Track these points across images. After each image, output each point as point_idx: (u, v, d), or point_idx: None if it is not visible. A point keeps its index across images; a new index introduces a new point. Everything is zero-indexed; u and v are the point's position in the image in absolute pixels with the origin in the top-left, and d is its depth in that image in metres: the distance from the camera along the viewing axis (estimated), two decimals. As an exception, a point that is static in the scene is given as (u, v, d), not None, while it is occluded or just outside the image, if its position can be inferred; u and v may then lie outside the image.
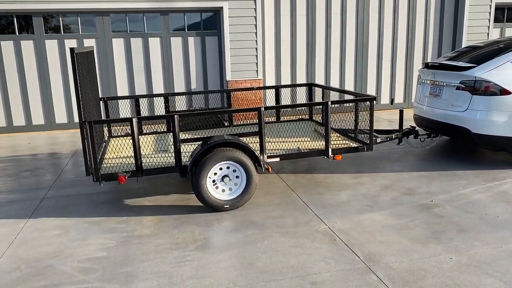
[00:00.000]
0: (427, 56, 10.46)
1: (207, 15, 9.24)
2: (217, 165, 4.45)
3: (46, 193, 5.34)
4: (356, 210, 4.49)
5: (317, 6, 9.64)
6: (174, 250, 3.75)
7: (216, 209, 4.51)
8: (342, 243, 3.77)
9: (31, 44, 8.62)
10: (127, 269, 3.47)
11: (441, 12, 10.29)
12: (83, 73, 4.52)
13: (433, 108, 6.15)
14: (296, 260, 3.51)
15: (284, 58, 9.75)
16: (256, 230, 4.10)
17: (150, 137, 6.07)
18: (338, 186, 5.22)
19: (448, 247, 3.64)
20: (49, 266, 3.56)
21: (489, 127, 5.45)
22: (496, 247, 3.61)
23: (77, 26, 8.73)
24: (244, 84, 9.30)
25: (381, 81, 10.32)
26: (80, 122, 4.15)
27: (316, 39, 9.79)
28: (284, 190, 5.17)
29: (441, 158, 6.27)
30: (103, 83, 9.02)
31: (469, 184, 5.13)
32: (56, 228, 4.29)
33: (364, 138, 5.21)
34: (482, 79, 5.45)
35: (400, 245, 3.71)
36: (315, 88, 6.76)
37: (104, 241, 3.97)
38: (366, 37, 10.02)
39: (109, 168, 4.58)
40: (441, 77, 6.05)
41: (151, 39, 9.07)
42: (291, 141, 5.42)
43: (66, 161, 6.72)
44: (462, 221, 4.13)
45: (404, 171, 5.71)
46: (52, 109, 8.94)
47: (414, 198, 4.77)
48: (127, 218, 4.49)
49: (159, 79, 9.26)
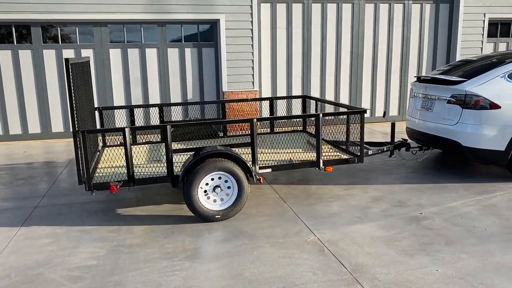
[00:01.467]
0: (422, 70, 10.58)
1: (204, 27, 9.36)
2: (209, 176, 4.49)
3: (39, 201, 5.37)
4: (346, 221, 4.53)
5: (313, 19, 9.77)
6: (164, 260, 3.77)
7: (207, 219, 4.54)
8: (330, 254, 3.80)
9: (29, 54, 8.70)
10: (116, 277, 3.49)
11: (435, 26, 10.44)
12: (78, 83, 4.58)
13: (425, 121, 6.22)
14: (283, 270, 3.54)
15: (280, 70, 9.85)
16: (246, 240, 4.13)
17: (144, 146, 6.12)
18: (329, 198, 5.26)
19: (435, 259, 3.68)
20: (39, 274, 3.58)
21: (479, 140, 5.52)
22: (482, 260, 3.65)
23: (75, 36, 8.83)
24: (240, 95, 9.38)
25: (376, 94, 10.43)
26: (73, 131, 4.20)
27: (312, 52, 9.90)
28: (276, 201, 5.21)
29: (432, 170, 6.33)
30: (100, 92, 9.09)
31: (459, 197, 5.18)
32: (48, 237, 4.31)
33: (356, 150, 5.27)
34: (472, 93, 5.53)
35: (387, 256, 3.74)
36: (309, 100, 6.84)
37: (94, 250, 3.99)
38: (361, 50, 10.15)
39: (101, 178, 4.62)
40: (433, 90, 6.13)
41: (148, 50, 9.16)
42: (283, 152, 5.47)
43: (61, 170, 6.75)
44: (450, 234, 4.17)
45: (395, 183, 5.76)
46: (48, 118, 9.00)
47: (404, 210, 4.81)
48: (119, 227, 4.52)
49: (155, 89, 9.34)
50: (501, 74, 5.57)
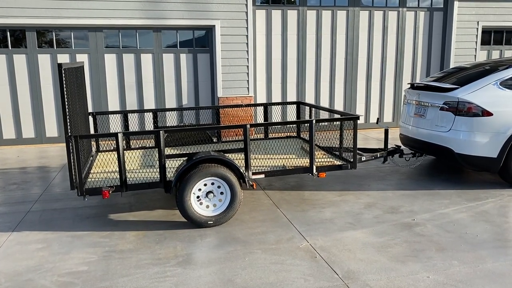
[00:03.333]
0: (416, 77, 10.65)
1: (200, 33, 9.38)
2: (202, 181, 4.49)
3: (31, 206, 5.34)
4: (339, 227, 4.54)
5: (308, 26, 9.83)
6: (155, 266, 3.76)
7: (199, 225, 4.54)
8: (322, 260, 3.80)
9: (23, 58, 8.69)
10: (107, 283, 3.47)
11: (429, 34, 10.52)
12: (71, 88, 4.58)
13: (418, 128, 6.25)
14: (275, 276, 3.54)
15: (275, 76, 9.88)
16: (238, 246, 4.12)
17: (137, 152, 6.11)
18: (322, 204, 5.27)
19: (426, 265, 3.68)
20: (29, 280, 3.56)
21: (471, 147, 5.55)
22: (473, 266, 3.66)
23: (70, 41, 8.83)
24: (235, 101, 9.40)
25: (370, 100, 10.48)
26: (66, 136, 4.19)
27: (307, 58, 9.95)
28: (269, 206, 5.21)
29: (425, 177, 6.35)
30: (94, 97, 9.08)
31: (451, 204, 5.20)
32: (39, 242, 4.29)
33: (349, 156, 5.29)
34: (465, 101, 5.57)
35: (379, 263, 3.75)
36: (304, 106, 6.86)
37: (85, 255, 3.98)
38: (356, 57, 10.20)
39: (94, 183, 4.61)
40: (426, 97, 6.17)
41: (143, 55, 9.18)
42: (277, 158, 5.48)
43: (54, 175, 6.73)
44: (442, 240, 4.18)
45: (388, 190, 5.77)
46: (42, 123, 8.97)
47: (397, 216, 4.82)
48: (111, 232, 4.50)
49: (150, 94, 9.35)
50: (493, 82, 5.61)
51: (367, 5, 10.06)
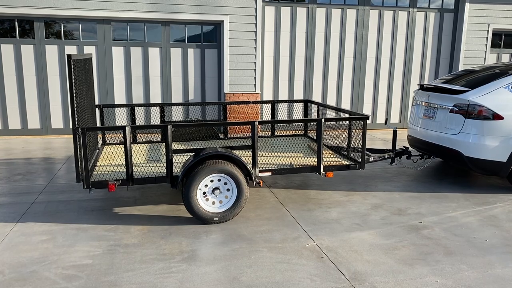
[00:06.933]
0: (424, 78, 10.56)
1: (208, 28, 9.33)
2: (208, 177, 4.45)
3: (36, 197, 5.32)
4: (345, 228, 4.49)
5: (317, 24, 9.75)
6: (160, 261, 3.73)
7: (205, 221, 4.50)
8: (329, 261, 3.76)
9: (31, 49, 8.67)
10: (111, 278, 3.44)
11: (439, 35, 10.42)
12: (79, 80, 4.55)
13: (426, 130, 6.19)
14: (281, 276, 3.50)
15: (282, 74, 9.83)
16: (244, 244, 4.09)
17: (144, 146, 6.08)
18: (329, 203, 5.22)
19: (434, 269, 3.64)
20: (33, 271, 3.53)
21: (481, 151, 5.49)
22: (482, 271, 3.61)
23: (78, 33, 8.79)
24: (242, 97, 9.35)
25: (378, 100, 10.41)
26: (73, 128, 4.16)
27: (315, 56, 9.88)
28: (274, 205, 5.17)
29: (433, 179, 6.29)
30: (101, 90, 9.06)
31: (459, 207, 5.14)
32: (43, 234, 4.27)
33: (357, 157, 5.24)
34: (476, 103, 5.50)
35: (386, 265, 3.70)
36: (311, 104, 6.81)
37: (90, 249, 3.95)
38: (364, 56, 10.13)
39: (100, 176, 4.58)
40: (436, 99, 6.10)
41: (151, 49, 9.13)
42: (284, 156, 5.43)
43: (59, 166, 6.71)
44: (450, 244, 4.13)
45: (395, 191, 5.72)
46: (48, 114, 8.96)
47: (404, 218, 4.77)
48: (116, 226, 4.48)
49: (157, 88, 9.31)
50: (505, 85, 5.54)
51: (377, 5, 9.97)
